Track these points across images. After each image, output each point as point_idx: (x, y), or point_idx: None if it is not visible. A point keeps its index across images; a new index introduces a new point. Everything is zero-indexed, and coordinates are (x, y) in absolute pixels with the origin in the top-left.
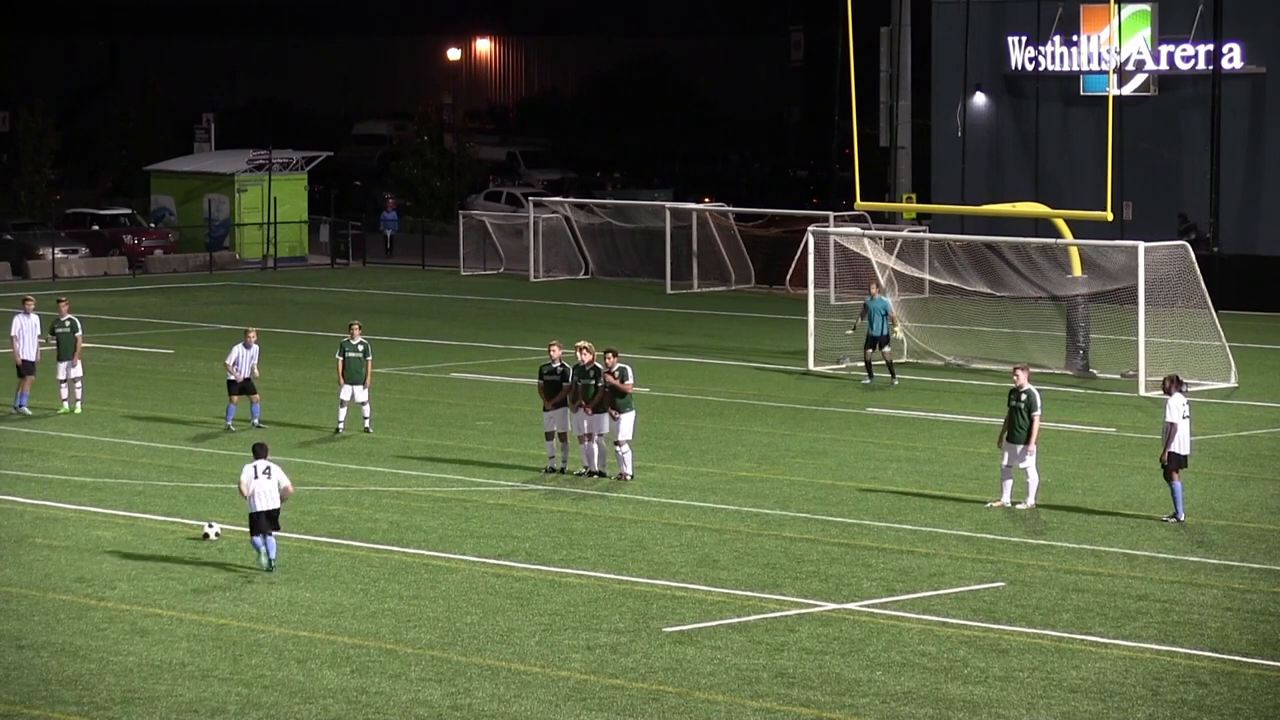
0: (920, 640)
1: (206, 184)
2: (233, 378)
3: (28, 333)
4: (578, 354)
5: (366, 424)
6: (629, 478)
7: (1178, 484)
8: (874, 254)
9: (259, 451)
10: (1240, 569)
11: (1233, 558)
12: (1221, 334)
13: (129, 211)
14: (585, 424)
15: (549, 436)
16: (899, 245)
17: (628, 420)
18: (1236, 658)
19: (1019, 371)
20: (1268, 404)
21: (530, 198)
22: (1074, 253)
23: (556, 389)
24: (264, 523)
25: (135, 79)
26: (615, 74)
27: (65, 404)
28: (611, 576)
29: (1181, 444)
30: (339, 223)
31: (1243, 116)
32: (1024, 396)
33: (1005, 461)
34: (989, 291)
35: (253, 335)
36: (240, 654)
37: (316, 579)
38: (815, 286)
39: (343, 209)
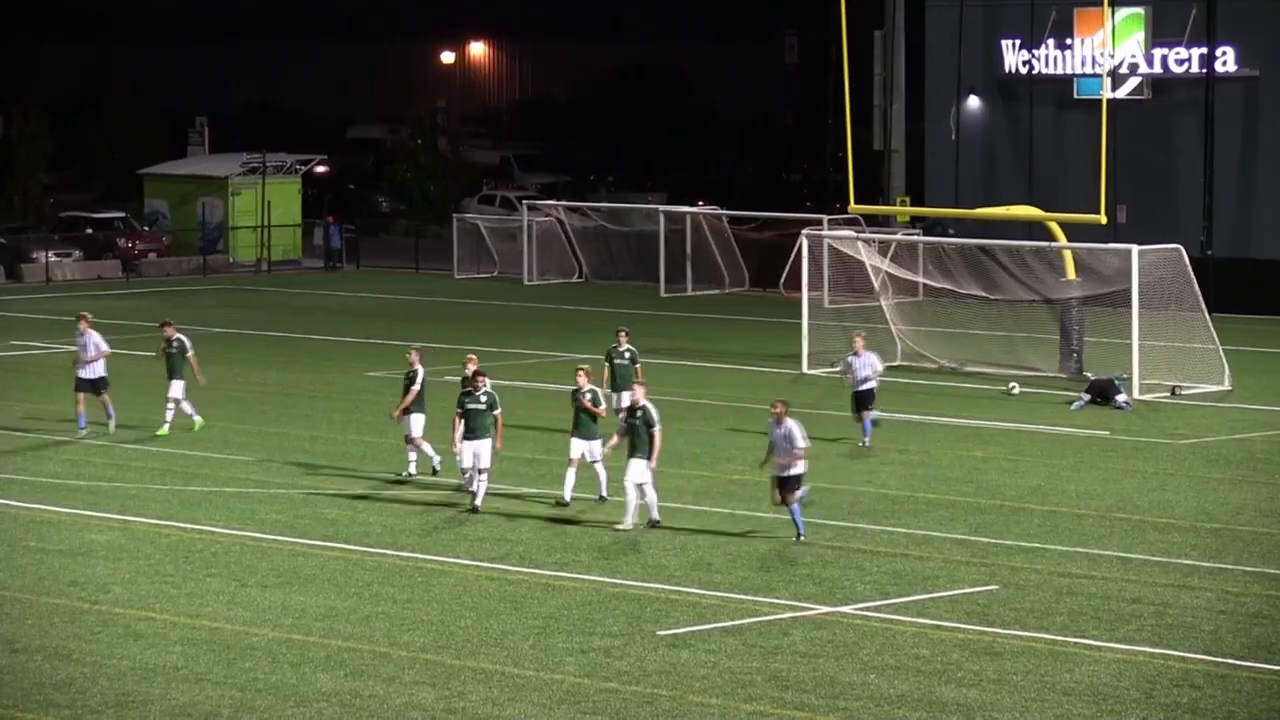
0: (914, 643)
1: (200, 187)
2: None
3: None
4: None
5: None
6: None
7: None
8: (868, 257)
9: None
10: (1234, 572)
11: (1226, 561)
12: (1215, 337)
13: (123, 215)
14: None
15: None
16: (893, 248)
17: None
18: (1230, 661)
19: (637, 386)
20: (1261, 407)
21: (524, 201)
22: (1068, 256)
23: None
24: None
25: (130, 83)
26: (609, 77)
27: (166, 426)
28: (605, 580)
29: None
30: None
31: (1236, 120)
32: (639, 413)
33: (629, 478)
34: (983, 295)
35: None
36: (234, 657)
37: (310, 582)
38: (809, 290)
39: (337, 213)
